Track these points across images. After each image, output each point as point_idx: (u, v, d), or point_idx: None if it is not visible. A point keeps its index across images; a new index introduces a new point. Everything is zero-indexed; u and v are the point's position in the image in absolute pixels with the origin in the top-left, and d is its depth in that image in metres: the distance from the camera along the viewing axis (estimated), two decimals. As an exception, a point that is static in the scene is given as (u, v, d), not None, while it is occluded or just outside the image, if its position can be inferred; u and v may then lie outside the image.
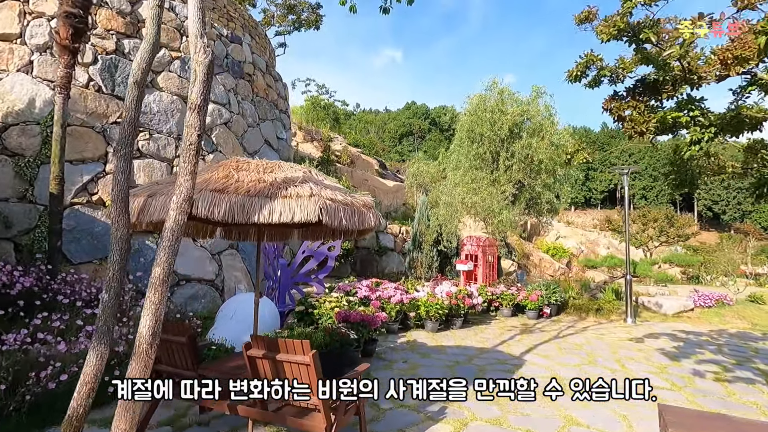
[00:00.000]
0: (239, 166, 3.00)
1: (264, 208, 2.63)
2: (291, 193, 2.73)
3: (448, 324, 8.41)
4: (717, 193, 63.60)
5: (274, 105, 10.91)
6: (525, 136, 9.94)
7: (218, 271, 8.27)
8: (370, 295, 7.81)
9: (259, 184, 2.78)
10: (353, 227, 2.98)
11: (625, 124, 3.77)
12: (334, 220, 2.77)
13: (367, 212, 3.11)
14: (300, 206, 2.66)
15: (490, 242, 11.17)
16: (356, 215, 2.97)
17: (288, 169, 3.07)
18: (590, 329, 8.80)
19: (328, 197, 2.81)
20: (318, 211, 2.67)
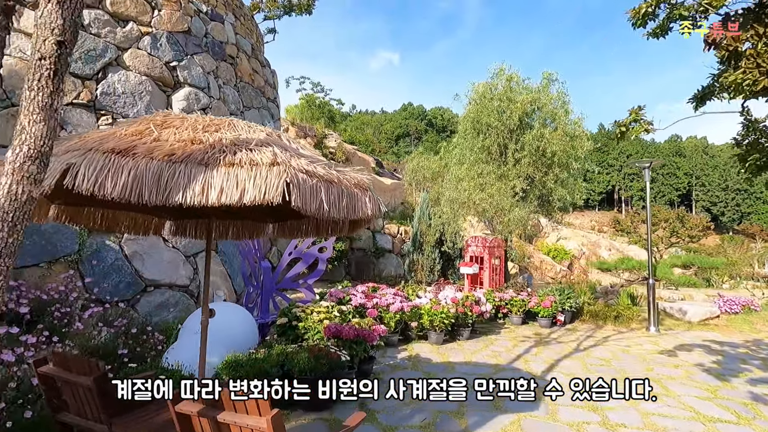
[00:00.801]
0: (167, 121, 2.05)
1: (194, 181, 1.68)
2: (241, 159, 1.79)
3: (454, 334, 7.46)
4: (716, 194, 63.23)
5: (261, 92, 9.94)
6: (537, 125, 9.03)
7: (193, 276, 7.27)
8: (366, 303, 6.85)
9: (191, 146, 1.84)
10: (341, 215, 2.03)
11: (743, 62, 2.69)
12: (310, 202, 1.83)
13: (361, 195, 2.17)
14: (254, 179, 1.73)
15: (497, 243, 10.25)
16: (345, 198, 2.04)
17: (244, 128, 2.12)
18: (612, 340, 7.87)
19: (301, 168, 1.88)
20: (282, 186, 1.73)
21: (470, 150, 10.16)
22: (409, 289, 8.29)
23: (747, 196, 62.16)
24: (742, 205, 61.37)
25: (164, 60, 7.54)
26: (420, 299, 7.70)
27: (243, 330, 4.65)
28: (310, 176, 1.90)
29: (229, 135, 1.97)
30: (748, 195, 62.40)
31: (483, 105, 9.93)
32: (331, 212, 1.94)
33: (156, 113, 2.19)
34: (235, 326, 4.61)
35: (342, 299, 6.80)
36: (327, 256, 7.19)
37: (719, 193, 63.26)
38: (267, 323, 6.13)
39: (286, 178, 1.75)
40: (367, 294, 7.30)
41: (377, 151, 42.03)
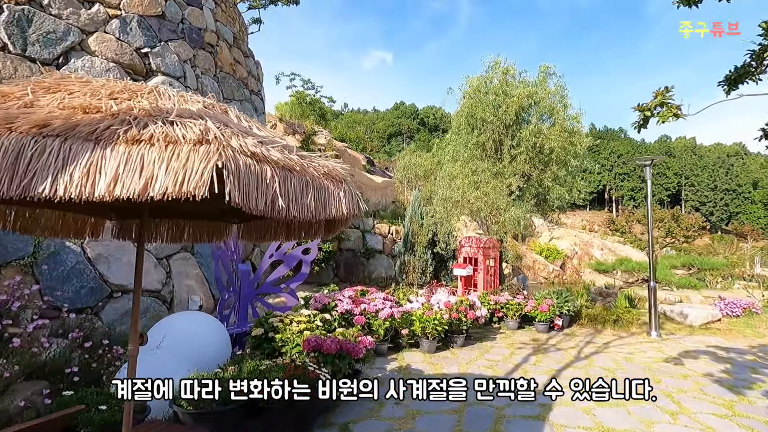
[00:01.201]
0: (60, 84, 1.53)
1: (74, 163, 1.18)
2: (152, 134, 1.29)
3: (447, 342, 7.00)
4: (704, 194, 63.81)
5: (244, 83, 9.38)
6: (534, 120, 8.60)
7: (166, 280, 6.70)
8: (353, 309, 6.35)
9: (80, 115, 1.33)
10: (306, 214, 1.54)
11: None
12: (256, 196, 1.35)
13: (333, 189, 1.68)
14: (167, 162, 1.23)
15: (491, 244, 9.81)
16: (311, 192, 1.55)
17: (173, 97, 1.61)
18: (613, 346, 7.47)
19: (245, 149, 1.38)
20: (210, 173, 1.24)
21: (464, 146, 9.70)
22: (400, 293, 7.81)
23: (735, 196, 62.85)
24: (731, 205, 62.02)
25: (135, 46, 6.95)
26: (411, 304, 7.23)
27: (212, 343, 4.13)
28: (258, 161, 1.40)
29: (144, 104, 1.46)
30: (737, 195, 63.10)
31: (478, 99, 9.47)
32: (291, 210, 1.46)
33: (49, 73, 1.67)
34: (203, 339, 4.09)
35: (327, 305, 6.29)
36: (312, 258, 6.67)
37: (708, 193, 63.83)
38: (245, 333, 5.60)
39: (217, 162, 1.26)
40: (354, 299, 6.81)
41: (369, 150, 41.52)
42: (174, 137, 1.30)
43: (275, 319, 4.60)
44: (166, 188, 1.20)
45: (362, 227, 12.10)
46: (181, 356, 3.75)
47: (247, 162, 1.36)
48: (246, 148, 1.40)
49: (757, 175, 66.69)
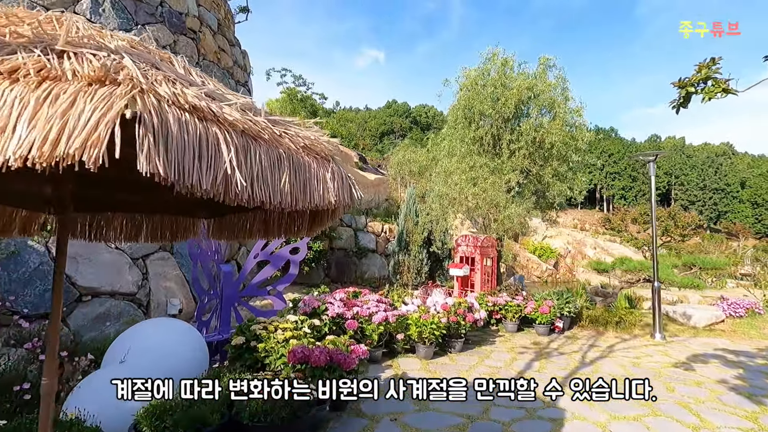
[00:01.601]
0: None
1: None
2: (19, 66, 0.83)
3: (444, 347, 6.60)
4: (694, 193, 64.36)
5: (229, 73, 8.87)
6: (534, 114, 8.23)
7: (142, 282, 6.21)
8: (345, 313, 5.91)
9: None
10: (278, 200, 1.11)
11: None
12: (196, 169, 0.91)
13: (317, 168, 1.25)
14: (33, 108, 0.78)
15: (489, 242, 9.43)
16: (285, 171, 1.12)
17: (78, 28, 1.16)
18: (617, 350, 7.13)
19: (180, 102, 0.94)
20: (109, 127, 0.79)
21: (461, 141, 9.30)
22: (395, 295, 7.39)
23: (724, 196, 63.51)
24: (719, 204, 62.62)
25: (108, 28, 6.41)
26: (406, 306, 6.81)
27: (186, 354, 3.66)
28: (203, 120, 0.96)
29: (25, 30, 1.01)
30: (725, 194, 63.78)
31: (475, 92, 9.08)
32: (256, 193, 1.02)
33: None
34: (174, 350, 3.62)
35: (317, 309, 5.85)
36: (300, 258, 6.21)
37: (697, 192, 64.39)
38: (226, 340, 5.13)
39: (123, 109, 0.82)
40: (346, 301, 6.37)
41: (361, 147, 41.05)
42: (56, 72, 0.86)
43: (258, 326, 4.15)
44: (27, 148, 0.76)
45: (354, 225, 11.66)
46: (148, 372, 3.28)
47: (182, 118, 0.92)
48: (183, 99, 0.96)
49: (745, 175, 67.54)
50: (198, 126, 0.95)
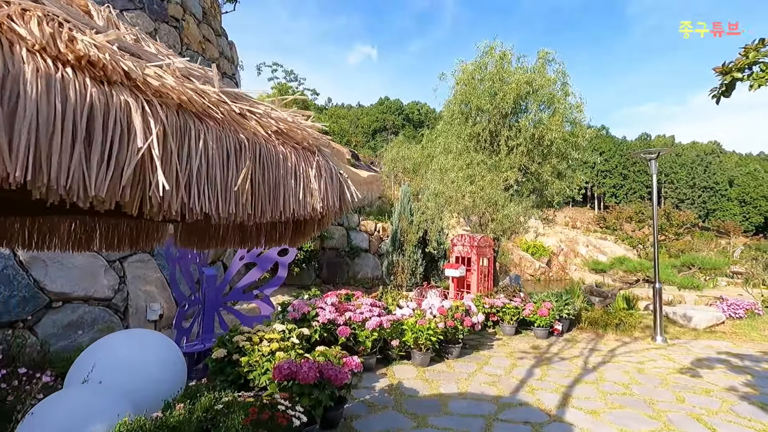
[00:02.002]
0: None
1: None
2: None
3: (441, 352, 6.30)
4: (683, 191, 65.00)
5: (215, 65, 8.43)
6: (534, 109, 7.93)
7: (119, 286, 5.80)
8: (336, 319, 5.57)
9: None
10: (232, 210, 0.77)
11: None
12: (63, 165, 0.55)
13: (296, 162, 0.90)
14: None
15: (486, 242, 9.14)
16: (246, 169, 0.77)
17: None
18: (619, 354, 6.89)
19: (65, 49, 0.58)
20: None
21: (457, 138, 8.98)
22: (389, 298, 7.06)
23: (713, 194, 64.23)
24: (708, 202, 63.31)
25: (82, 13, 5.98)
26: (401, 310, 6.49)
27: (159, 372, 3.29)
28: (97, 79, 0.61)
29: None
30: (714, 192, 64.51)
31: (472, 86, 8.76)
32: (195, 203, 0.69)
33: None
34: (145, 366, 3.25)
35: (306, 315, 5.50)
36: (289, 261, 5.85)
37: (686, 191, 65.03)
38: (209, 350, 4.77)
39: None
40: (338, 306, 6.03)
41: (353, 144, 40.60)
42: None
43: (241, 337, 3.78)
44: None
45: (347, 224, 11.30)
46: (115, 392, 2.91)
47: (55, 75, 0.57)
48: (65, 46, 0.60)
49: (733, 173, 68.41)
50: (90, 91, 0.60)
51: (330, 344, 5.69)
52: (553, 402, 4.64)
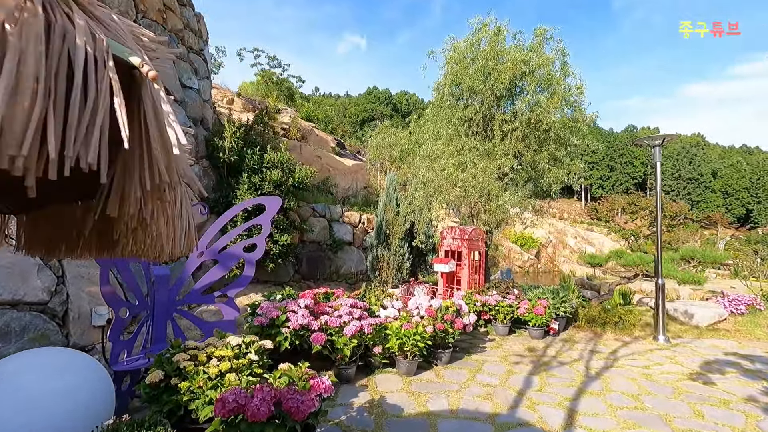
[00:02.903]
0: None
1: None
2: None
3: (429, 358, 5.66)
4: (668, 183, 65.58)
5: (178, 37, 7.55)
6: (531, 90, 7.26)
7: (56, 287, 5.00)
8: (310, 324, 4.87)
9: None
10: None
11: None
12: None
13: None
14: None
15: (477, 234, 8.51)
16: None
17: None
18: (622, 357, 6.36)
19: None
20: None
21: (447, 122, 8.27)
22: (372, 297, 6.38)
23: (697, 185, 64.97)
24: (693, 194, 64.02)
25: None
26: (385, 311, 5.83)
27: (68, 404, 2.56)
28: None
29: None
30: (698, 184, 65.25)
31: (464, 66, 8.03)
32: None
33: None
34: (52, 398, 2.51)
35: (275, 320, 4.79)
36: (257, 257, 5.11)
37: (672, 182, 65.64)
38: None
39: None
40: (313, 308, 5.33)
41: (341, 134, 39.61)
42: None
43: (183, 355, 3.05)
44: None
45: (329, 215, 10.56)
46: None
47: None
48: None
49: (716, 165, 69.33)
50: None
51: (303, 354, 5.00)
52: (557, 420, 4.04)
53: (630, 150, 67.69)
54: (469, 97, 7.95)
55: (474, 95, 7.83)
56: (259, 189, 7.73)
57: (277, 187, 7.96)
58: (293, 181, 8.19)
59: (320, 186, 12.59)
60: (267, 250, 7.74)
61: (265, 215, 5.27)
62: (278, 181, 7.91)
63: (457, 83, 7.98)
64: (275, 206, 5.32)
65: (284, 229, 8.03)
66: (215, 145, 7.60)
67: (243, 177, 7.53)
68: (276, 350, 4.77)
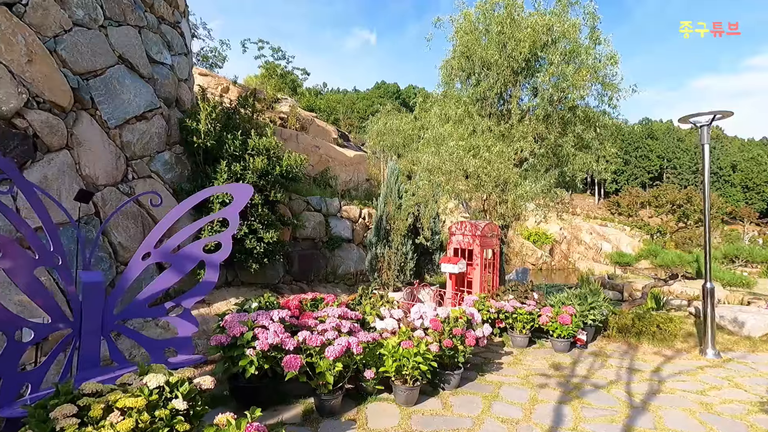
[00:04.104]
0: None
1: None
2: None
3: (435, 381, 4.66)
4: (686, 177, 63.49)
5: (146, 5, 6.58)
6: (556, 60, 6.15)
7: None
8: (284, 342, 3.89)
9: None
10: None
11: None
12: None
13: None
14: None
15: (491, 230, 7.46)
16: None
17: None
18: (667, 377, 5.28)
19: None
20: None
21: (456, 102, 7.21)
22: (367, 305, 5.38)
23: (716, 179, 62.83)
24: (712, 188, 61.83)
25: None
26: (382, 323, 4.84)
27: None
28: None
29: None
30: (718, 178, 63.11)
31: (476, 37, 6.95)
32: None
33: None
34: None
35: (239, 338, 3.81)
36: (222, 258, 4.15)
37: (689, 176, 63.52)
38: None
39: None
40: (289, 321, 4.35)
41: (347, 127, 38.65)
42: None
43: (68, 408, 2.08)
44: None
45: (325, 210, 9.57)
46: None
47: None
48: None
49: (736, 158, 66.97)
50: None
51: (276, 379, 4.02)
52: (606, 481, 3.00)
53: (646, 143, 65.61)
54: (481, 71, 6.87)
55: (488, 70, 6.74)
56: (240, 178, 6.77)
57: (261, 177, 6.98)
58: (281, 170, 7.20)
59: (318, 178, 11.62)
60: (250, 248, 6.79)
61: (231, 207, 4.30)
62: (263, 170, 6.94)
63: (468, 56, 6.90)
64: (245, 196, 4.34)
65: (270, 225, 7.06)
66: (188, 127, 6.64)
67: (222, 165, 6.57)
68: (239, 376, 3.80)
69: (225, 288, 7.09)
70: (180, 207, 4.07)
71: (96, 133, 5.42)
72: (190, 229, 4.16)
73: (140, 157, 6.07)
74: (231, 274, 7.41)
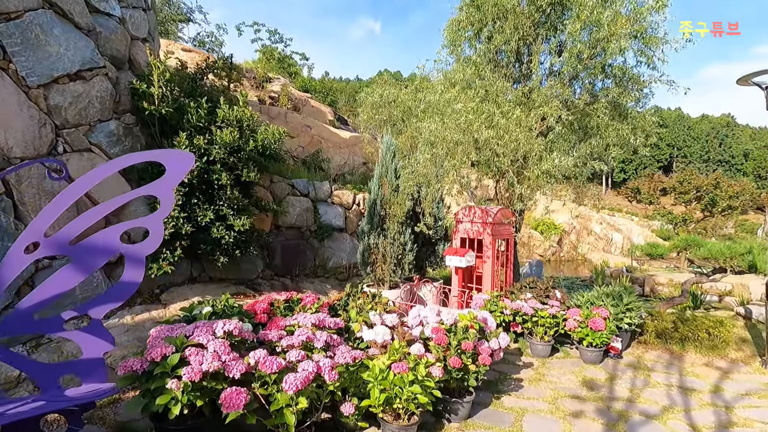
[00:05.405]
0: None
1: None
2: None
3: (439, 407, 3.56)
4: (697, 165, 61.72)
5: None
6: (590, 3, 4.92)
7: None
8: (228, 368, 2.77)
9: None
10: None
11: None
12: None
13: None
14: None
15: (505, 216, 6.32)
16: None
17: None
18: (731, 397, 4.17)
19: None
20: None
21: (464, 63, 6.01)
22: (353, 310, 4.26)
23: (728, 168, 61.24)
24: (726, 175, 60.25)
25: None
26: (370, 332, 3.71)
27: None
28: None
29: None
30: (729, 166, 61.49)
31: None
32: None
33: None
34: None
35: (159, 363, 2.69)
36: (150, 251, 3.02)
37: (700, 165, 61.79)
38: None
39: None
40: (241, 337, 3.25)
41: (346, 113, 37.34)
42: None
43: None
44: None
45: (313, 194, 8.43)
46: None
47: None
48: None
49: (748, 147, 65.24)
50: None
51: (215, 419, 2.92)
52: None
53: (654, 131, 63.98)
54: (494, 23, 5.65)
55: (502, 20, 5.52)
56: (205, 154, 5.63)
57: (232, 153, 5.84)
58: (255, 145, 6.05)
59: (308, 160, 10.47)
60: (218, 237, 5.66)
61: (162, 181, 3.15)
62: (234, 145, 5.79)
63: (479, 5, 5.68)
64: (182, 167, 3.20)
65: (242, 210, 5.93)
66: (138, 90, 5.49)
67: (181, 137, 5.43)
68: (164, 416, 2.70)
69: (188, 285, 5.98)
70: (86, 177, 2.94)
71: (8, 91, 4.28)
72: (101, 210, 3.03)
73: (75, 126, 4.94)
74: (197, 269, 6.30)
